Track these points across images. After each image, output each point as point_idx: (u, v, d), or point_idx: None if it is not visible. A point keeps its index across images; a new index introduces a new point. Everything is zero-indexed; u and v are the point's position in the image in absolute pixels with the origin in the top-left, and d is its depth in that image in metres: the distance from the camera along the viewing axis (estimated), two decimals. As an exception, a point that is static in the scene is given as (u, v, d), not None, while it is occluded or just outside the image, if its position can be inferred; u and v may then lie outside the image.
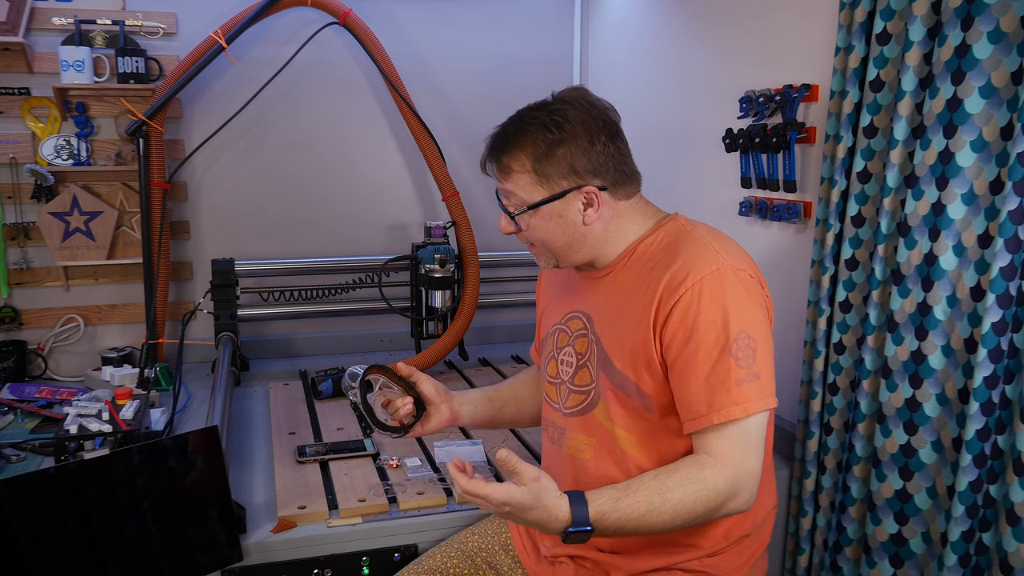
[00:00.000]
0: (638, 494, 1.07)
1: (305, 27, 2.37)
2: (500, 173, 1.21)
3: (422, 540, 1.45)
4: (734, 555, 1.25)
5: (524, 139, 1.18)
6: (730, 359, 1.10)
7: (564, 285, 1.37)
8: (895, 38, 1.36)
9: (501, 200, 1.25)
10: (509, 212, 1.23)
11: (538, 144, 1.17)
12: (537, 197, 1.19)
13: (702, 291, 1.11)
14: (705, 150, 2.04)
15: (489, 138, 1.24)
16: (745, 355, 1.10)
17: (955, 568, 1.26)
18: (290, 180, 2.51)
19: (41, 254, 2.30)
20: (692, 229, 1.21)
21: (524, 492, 1.02)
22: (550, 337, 1.36)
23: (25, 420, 1.92)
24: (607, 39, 2.61)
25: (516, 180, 1.19)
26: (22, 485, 1.15)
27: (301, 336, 2.58)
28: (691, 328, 1.11)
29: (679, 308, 1.12)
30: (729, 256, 1.15)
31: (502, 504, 1.03)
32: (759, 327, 1.13)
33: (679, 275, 1.14)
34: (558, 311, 1.36)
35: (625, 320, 1.20)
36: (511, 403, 1.49)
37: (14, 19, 2.12)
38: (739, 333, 1.10)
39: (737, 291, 1.12)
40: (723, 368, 1.10)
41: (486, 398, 1.48)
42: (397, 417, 1.36)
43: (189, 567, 1.28)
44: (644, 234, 1.24)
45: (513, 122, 1.21)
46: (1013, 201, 1.16)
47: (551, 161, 1.17)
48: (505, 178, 1.20)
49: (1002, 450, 1.22)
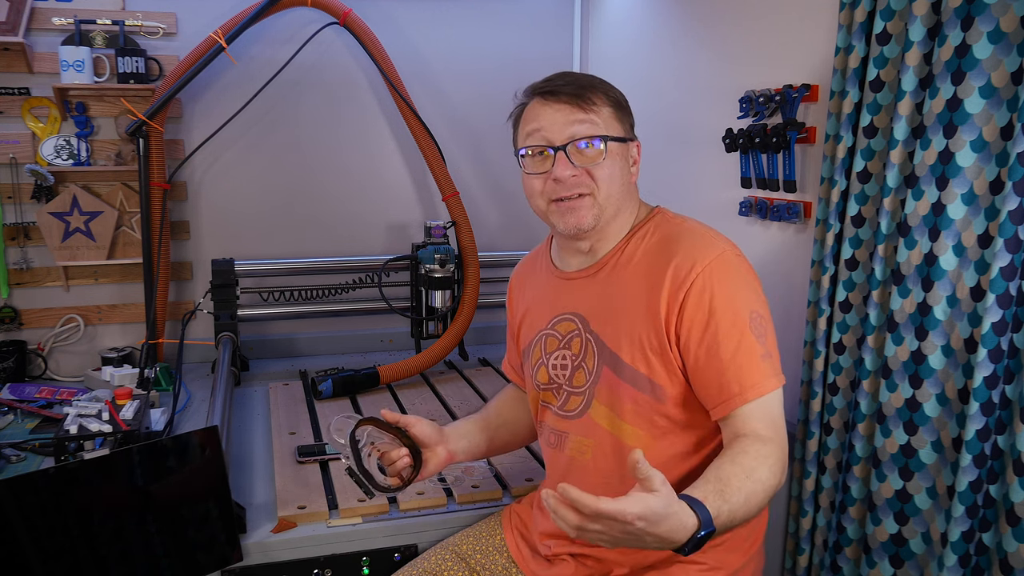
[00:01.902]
0: (731, 483, 1.00)
1: (305, 27, 2.38)
2: (580, 103, 1.20)
3: (422, 540, 1.45)
4: (733, 547, 1.25)
5: (600, 85, 1.24)
6: (751, 337, 1.13)
7: (545, 290, 1.36)
8: (895, 38, 1.36)
9: (553, 146, 1.19)
10: (592, 136, 1.19)
11: (612, 92, 1.25)
12: (618, 132, 1.23)
13: (711, 276, 1.14)
14: (705, 150, 2.04)
15: (538, 84, 1.24)
16: (760, 333, 1.14)
17: (955, 568, 1.26)
18: (290, 180, 2.51)
19: (41, 254, 2.30)
20: (683, 221, 1.25)
21: (659, 499, 0.89)
22: (535, 345, 1.35)
23: (25, 420, 1.92)
24: (607, 39, 2.61)
25: (601, 112, 1.21)
26: (22, 485, 1.15)
27: (301, 336, 2.58)
28: (708, 313, 1.13)
29: (692, 296, 1.14)
30: (725, 243, 1.20)
31: (637, 518, 0.87)
32: (765, 307, 1.17)
33: (684, 265, 1.16)
34: (541, 317, 1.35)
35: (628, 315, 1.20)
36: (503, 429, 1.47)
37: (14, 19, 2.12)
38: (751, 312, 1.14)
39: (742, 273, 1.17)
40: (747, 346, 1.12)
41: (478, 429, 1.44)
42: (395, 471, 1.28)
43: (189, 567, 1.28)
44: (635, 226, 1.26)
45: (575, 73, 1.27)
46: (1013, 201, 1.16)
47: (624, 110, 1.26)
48: (587, 108, 1.20)
49: (1002, 450, 1.22)
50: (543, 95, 1.22)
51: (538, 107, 1.22)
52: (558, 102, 1.21)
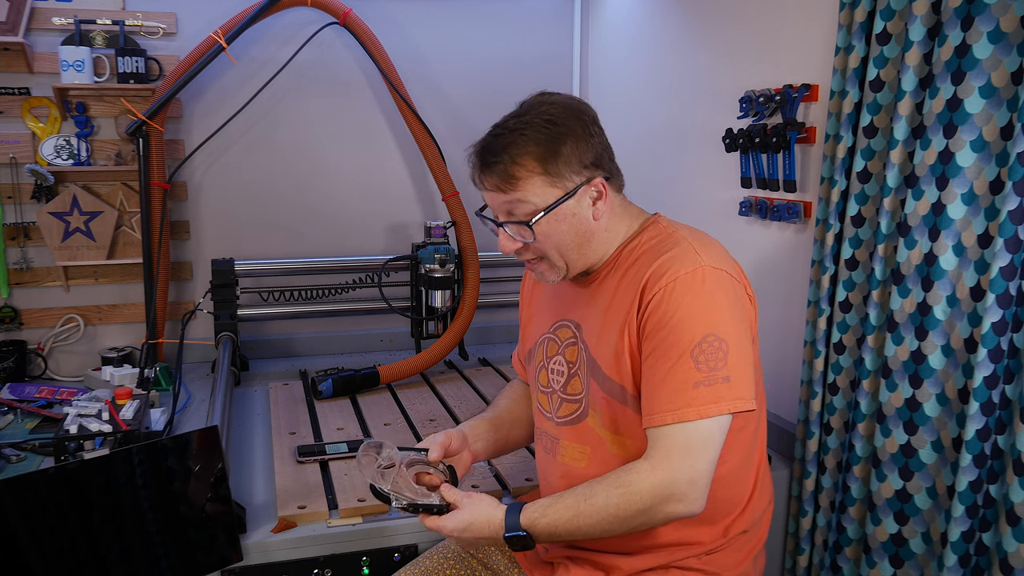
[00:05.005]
0: (566, 499, 1.12)
1: (305, 27, 2.38)
2: (504, 184, 1.14)
3: (422, 540, 1.45)
4: (733, 551, 1.25)
5: (523, 143, 1.13)
6: (689, 361, 1.08)
7: (551, 294, 1.36)
8: (895, 38, 1.36)
9: (496, 220, 1.20)
10: (520, 223, 1.16)
11: (540, 144, 1.13)
12: (552, 199, 1.14)
13: (675, 290, 1.11)
14: (705, 150, 2.04)
15: (475, 155, 1.19)
16: (709, 357, 1.08)
17: (955, 568, 1.26)
18: (290, 180, 2.51)
19: (41, 254, 2.30)
20: (674, 231, 1.20)
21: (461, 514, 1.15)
22: (538, 347, 1.35)
23: (25, 420, 1.92)
24: (607, 39, 2.61)
25: (526, 186, 1.14)
26: (22, 485, 1.15)
27: (301, 336, 2.58)
28: (659, 326, 1.11)
29: (652, 305, 1.12)
30: (709, 256, 1.14)
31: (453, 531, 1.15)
32: (733, 328, 1.11)
33: (657, 273, 1.13)
34: (545, 321, 1.35)
35: (610, 325, 1.19)
36: (515, 426, 1.46)
37: (14, 19, 2.12)
38: (707, 335, 1.08)
39: (711, 291, 1.11)
40: (681, 370, 1.09)
41: (492, 427, 1.43)
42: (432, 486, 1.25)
43: (189, 567, 1.28)
44: (629, 236, 1.23)
45: (500, 133, 1.16)
46: (1013, 201, 1.16)
47: (559, 159, 1.14)
48: (512, 188, 1.14)
49: (1002, 450, 1.22)
50: (479, 169, 1.19)
51: (478, 178, 1.20)
52: (489, 180, 1.16)
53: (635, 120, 2.42)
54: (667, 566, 1.22)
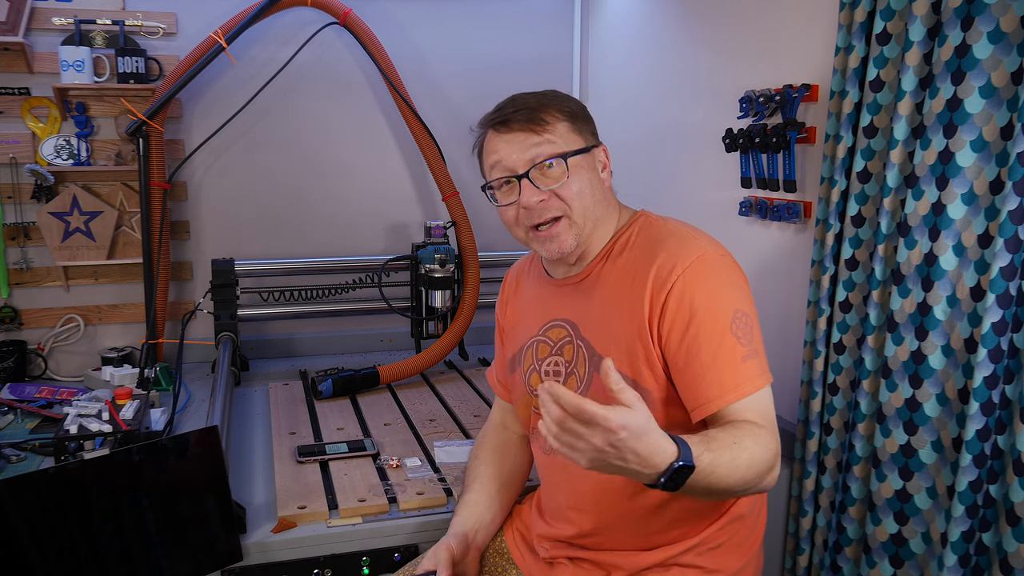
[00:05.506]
0: (717, 439, 1.01)
1: (305, 27, 2.38)
2: (535, 126, 1.19)
3: (422, 540, 1.45)
4: (731, 548, 1.25)
5: (551, 97, 1.23)
6: (731, 339, 1.11)
7: (535, 298, 1.36)
8: (895, 38, 1.36)
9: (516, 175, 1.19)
10: (557, 156, 1.17)
11: (566, 105, 1.23)
12: (575, 146, 1.21)
13: (693, 277, 1.13)
14: (705, 150, 2.04)
15: (495, 111, 1.23)
16: (744, 332, 1.12)
17: (955, 568, 1.26)
18: (290, 180, 2.51)
19: (41, 254, 2.30)
20: (665, 223, 1.24)
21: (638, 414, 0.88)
22: (525, 352, 1.35)
23: (25, 420, 1.92)
24: (607, 39, 2.61)
25: (555, 129, 1.20)
26: (22, 485, 1.15)
27: (301, 336, 2.58)
28: (689, 314, 1.12)
29: (673, 297, 1.13)
30: (706, 241, 1.19)
31: (621, 427, 0.86)
32: (751, 305, 1.16)
33: (666, 266, 1.15)
34: (531, 324, 1.35)
35: (614, 320, 1.20)
36: (504, 491, 1.42)
37: (14, 19, 2.12)
38: (735, 312, 1.12)
39: (724, 272, 1.16)
40: (728, 348, 1.11)
41: (484, 509, 1.37)
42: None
43: (189, 567, 1.28)
44: (621, 228, 1.26)
45: (524, 96, 1.23)
46: (1013, 201, 1.16)
47: (581, 119, 1.24)
48: (542, 129, 1.19)
49: (1002, 450, 1.22)
50: (496, 126, 1.22)
51: (494, 139, 1.22)
52: (511, 131, 1.20)
53: (635, 120, 2.42)
54: (667, 563, 1.22)
